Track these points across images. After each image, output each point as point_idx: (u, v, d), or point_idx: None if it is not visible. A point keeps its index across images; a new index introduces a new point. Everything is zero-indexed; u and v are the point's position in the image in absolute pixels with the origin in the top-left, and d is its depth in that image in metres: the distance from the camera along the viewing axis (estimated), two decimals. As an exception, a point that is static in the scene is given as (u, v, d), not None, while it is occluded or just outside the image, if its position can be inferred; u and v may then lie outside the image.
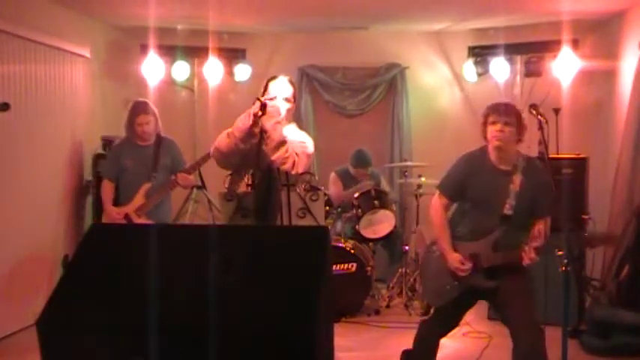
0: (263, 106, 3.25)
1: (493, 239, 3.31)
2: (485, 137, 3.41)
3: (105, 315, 1.85)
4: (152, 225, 4.36)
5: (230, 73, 6.76)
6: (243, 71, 6.76)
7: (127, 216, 4.78)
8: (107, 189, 5.00)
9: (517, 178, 3.31)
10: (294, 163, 3.28)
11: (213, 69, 6.67)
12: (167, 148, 4.96)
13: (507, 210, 3.29)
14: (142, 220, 4.74)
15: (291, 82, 3.58)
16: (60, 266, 5.38)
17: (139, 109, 4.93)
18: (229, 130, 3.36)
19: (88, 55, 5.92)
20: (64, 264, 5.40)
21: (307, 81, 7.15)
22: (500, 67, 6.48)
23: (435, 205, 3.52)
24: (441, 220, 3.47)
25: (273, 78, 3.56)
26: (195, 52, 6.73)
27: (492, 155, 3.39)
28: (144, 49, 6.67)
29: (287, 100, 3.47)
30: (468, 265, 3.33)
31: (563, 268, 3.07)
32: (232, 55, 6.76)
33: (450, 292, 3.41)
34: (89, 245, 2.12)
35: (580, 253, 4.92)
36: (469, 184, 3.42)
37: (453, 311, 3.52)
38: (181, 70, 6.71)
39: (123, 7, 5.84)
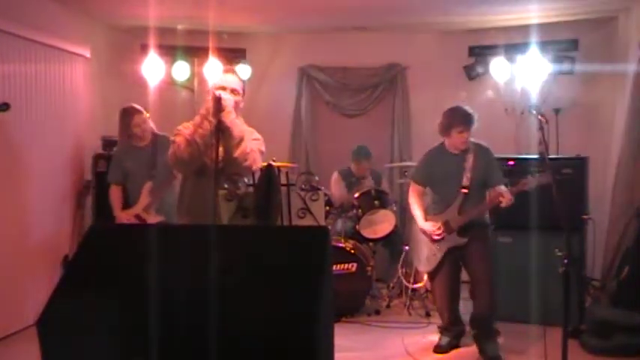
0: (218, 100, 3.20)
1: (457, 206, 4.29)
2: (445, 135, 4.38)
3: (105, 315, 1.85)
4: (152, 225, 4.37)
5: (230, 73, 6.76)
6: (243, 71, 6.75)
7: (137, 216, 4.80)
8: (115, 194, 5.00)
9: (470, 158, 4.29)
10: (254, 160, 3.27)
11: (213, 69, 6.66)
12: (163, 144, 4.93)
13: (465, 182, 4.27)
14: (152, 217, 4.78)
15: (237, 74, 3.52)
16: (60, 266, 5.38)
17: (131, 111, 4.95)
18: (187, 137, 3.27)
19: (88, 55, 5.92)
20: (64, 264, 5.40)
21: (307, 81, 7.15)
22: (500, 67, 6.48)
23: (411, 191, 4.57)
24: (416, 201, 4.50)
25: (220, 72, 3.55)
26: (195, 52, 6.73)
27: (449, 147, 4.39)
28: (144, 49, 6.67)
29: (235, 92, 3.40)
30: (440, 229, 4.30)
31: (563, 269, 3.07)
32: (232, 55, 6.75)
33: (436, 257, 4.38)
34: (89, 245, 2.12)
35: (580, 253, 4.94)
36: (433, 170, 4.45)
37: (447, 274, 4.43)
38: (181, 70, 6.71)
39: (123, 7, 5.84)
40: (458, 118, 4.29)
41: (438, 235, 4.32)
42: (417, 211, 4.46)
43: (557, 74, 6.28)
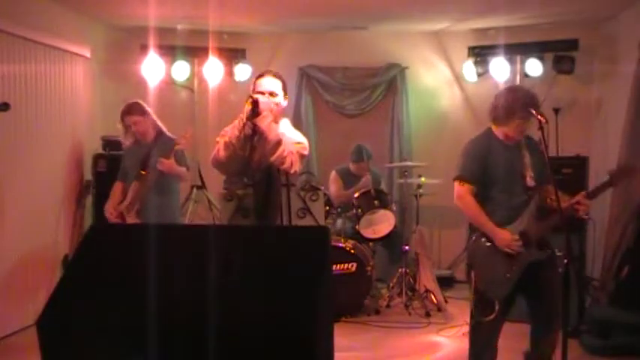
0: (255, 103, 3.23)
1: (530, 212, 3.38)
2: (500, 123, 3.43)
3: (105, 315, 1.85)
4: (152, 225, 4.34)
5: (230, 73, 6.77)
6: (243, 71, 6.77)
7: (120, 214, 4.69)
8: (115, 189, 4.91)
9: (525, 154, 3.41)
10: (291, 163, 3.29)
11: (213, 69, 6.67)
12: (162, 145, 4.77)
13: (530, 182, 3.38)
14: (131, 219, 4.61)
15: (279, 76, 3.50)
16: (60, 266, 5.38)
17: (125, 110, 4.85)
18: (225, 139, 3.33)
19: (88, 55, 5.92)
20: (64, 264, 5.40)
21: (307, 81, 7.15)
22: (500, 67, 6.48)
23: (462, 194, 3.45)
24: (474, 206, 3.42)
25: (261, 75, 3.51)
26: (195, 52, 6.74)
27: (501, 137, 3.46)
28: (144, 49, 6.68)
29: (273, 94, 3.43)
30: (519, 241, 3.33)
31: (563, 269, 3.06)
32: (232, 55, 6.76)
33: (511, 278, 3.36)
34: (89, 245, 2.12)
35: (580, 253, 4.94)
36: (487, 164, 3.42)
37: (509, 303, 3.46)
38: (181, 70, 6.72)
39: (123, 7, 5.84)
40: (526, 102, 3.32)
41: (518, 246, 3.34)
42: (483, 217, 3.39)
43: (557, 74, 6.28)
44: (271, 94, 3.41)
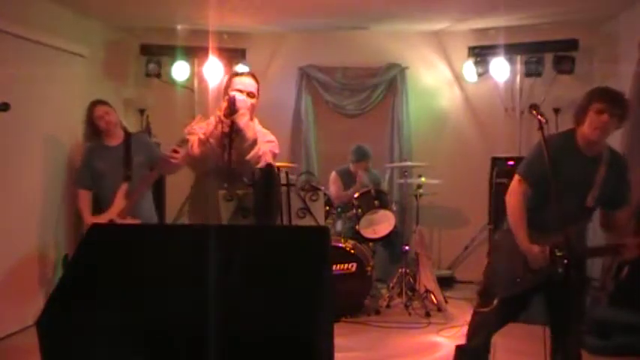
0: (232, 101, 3.25)
1: (575, 231, 3.07)
2: (579, 122, 3.17)
3: (104, 315, 1.85)
4: (152, 225, 4.32)
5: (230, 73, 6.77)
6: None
7: (111, 222, 4.55)
8: (83, 199, 4.81)
9: (602, 169, 3.13)
10: (265, 163, 3.31)
11: (213, 69, 6.67)
12: (139, 144, 4.75)
13: (589, 202, 3.13)
14: (128, 221, 4.52)
15: (254, 77, 3.55)
16: (60, 266, 5.38)
17: (93, 103, 4.83)
18: (200, 136, 3.33)
19: (87, 54, 5.91)
20: (64, 264, 5.40)
21: (307, 81, 7.15)
22: (500, 67, 6.49)
23: (515, 191, 3.27)
24: (519, 208, 3.24)
25: (236, 74, 3.56)
26: (195, 52, 6.75)
27: (581, 141, 3.17)
28: (143, 49, 6.68)
29: (251, 95, 3.47)
30: (547, 258, 3.11)
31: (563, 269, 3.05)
32: (232, 55, 6.77)
33: (520, 284, 3.21)
34: (89, 245, 2.12)
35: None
36: (554, 168, 3.00)
37: (517, 305, 3.34)
38: (181, 70, 6.72)
39: (123, 7, 5.84)
40: (600, 95, 3.11)
41: (544, 263, 3.14)
42: (519, 223, 3.22)
43: (557, 74, 6.29)
44: (250, 94, 3.45)
